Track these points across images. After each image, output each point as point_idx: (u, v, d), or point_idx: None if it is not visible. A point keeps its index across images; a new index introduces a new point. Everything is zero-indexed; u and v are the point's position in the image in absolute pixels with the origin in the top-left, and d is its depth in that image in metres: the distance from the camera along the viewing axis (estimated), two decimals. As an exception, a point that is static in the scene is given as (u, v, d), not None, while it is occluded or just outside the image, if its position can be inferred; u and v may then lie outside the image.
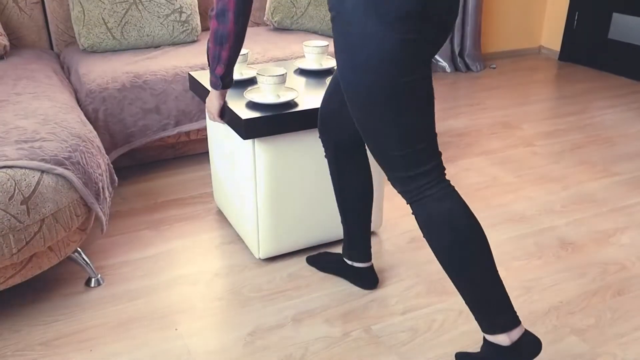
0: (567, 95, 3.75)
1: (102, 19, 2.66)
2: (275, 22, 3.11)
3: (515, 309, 1.78)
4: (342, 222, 1.79)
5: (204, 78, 2.07)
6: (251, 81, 2.03)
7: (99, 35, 2.68)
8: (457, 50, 4.25)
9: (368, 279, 1.85)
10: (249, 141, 1.80)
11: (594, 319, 1.75)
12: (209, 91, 1.93)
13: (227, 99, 1.85)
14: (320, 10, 3.05)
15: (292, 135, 1.82)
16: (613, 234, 2.19)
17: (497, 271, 1.37)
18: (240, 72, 2.06)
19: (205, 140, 2.74)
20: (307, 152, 1.87)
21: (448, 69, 4.24)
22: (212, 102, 1.76)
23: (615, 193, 2.51)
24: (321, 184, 1.94)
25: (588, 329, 1.71)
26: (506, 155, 2.86)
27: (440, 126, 3.22)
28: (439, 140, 3.02)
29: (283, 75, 1.78)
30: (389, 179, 1.40)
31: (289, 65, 2.22)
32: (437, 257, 1.39)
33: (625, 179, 2.63)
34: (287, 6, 3.07)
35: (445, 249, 1.35)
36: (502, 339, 1.39)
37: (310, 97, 1.87)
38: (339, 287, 1.88)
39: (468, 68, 4.28)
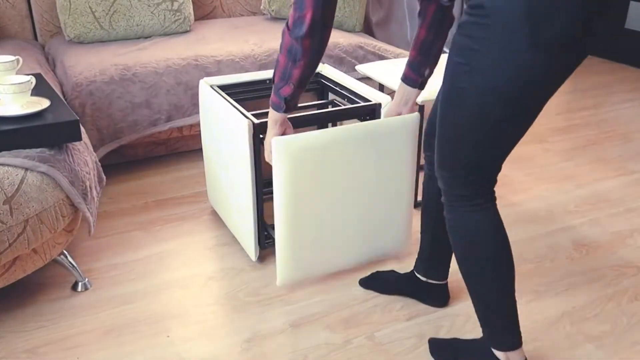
0: (581, 89, 3.75)
1: (89, 7, 2.66)
2: (272, 11, 3.11)
3: (527, 314, 1.79)
4: (422, 235, 1.76)
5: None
6: None
7: (86, 25, 2.68)
8: (464, 41, 4.25)
9: (443, 296, 1.82)
10: (247, 138, 1.80)
11: (609, 325, 1.75)
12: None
13: None
14: (320, -2, 3.05)
15: (310, 135, 1.71)
16: (629, 235, 2.20)
17: (509, 290, 1.42)
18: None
19: (198, 136, 2.74)
20: (329, 154, 1.74)
21: (455, 61, 4.24)
22: (269, 128, 1.65)
23: (631, 192, 2.51)
24: (344, 192, 1.81)
25: (603, 335, 1.71)
26: (517, 152, 2.86)
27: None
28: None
29: (27, 82, 1.67)
30: (441, 176, 1.41)
31: None
32: (457, 261, 1.46)
33: (642, 177, 2.64)
34: (285, -6, 3.07)
35: (461, 256, 1.44)
36: (500, 355, 1.48)
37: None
38: (340, 291, 1.88)
39: (476, 60, 4.28)
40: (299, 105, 2.11)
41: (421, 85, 1.66)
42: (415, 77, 1.64)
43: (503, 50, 1.19)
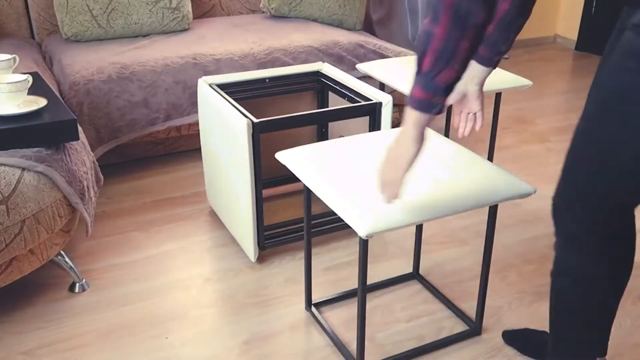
0: (584, 88, 3.75)
1: (87, 5, 2.66)
2: (272, 9, 3.11)
3: (529, 314, 1.78)
4: None
5: None
6: None
7: (84, 23, 2.67)
8: (466, 40, 4.25)
9: None
10: (246, 137, 1.80)
11: (613, 326, 1.75)
12: None
13: None
14: (320, -4, 3.05)
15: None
16: (633, 236, 2.19)
17: (593, 335, 1.34)
18: None
19: (197, 135, 2.74)
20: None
21: (457, 60, 4.24)
22: (407, 147, 1.14)
23: (635, 192, 2.51)
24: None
25: (606, 337, 1.71)
26: (519, 152, 2.86)
27: (448, 120, 3.22)
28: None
29: (23, 81, 1.67)
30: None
31: None
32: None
33: (646, 177, 2.63)
34: (284, -8, 3.07)
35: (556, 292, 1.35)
36: None
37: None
38: (339, 292, 1.88)
39: (478, 58, 4.28)
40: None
41: (495, 64, 1.41)
42: (490, 54, 1.39)
43: None
